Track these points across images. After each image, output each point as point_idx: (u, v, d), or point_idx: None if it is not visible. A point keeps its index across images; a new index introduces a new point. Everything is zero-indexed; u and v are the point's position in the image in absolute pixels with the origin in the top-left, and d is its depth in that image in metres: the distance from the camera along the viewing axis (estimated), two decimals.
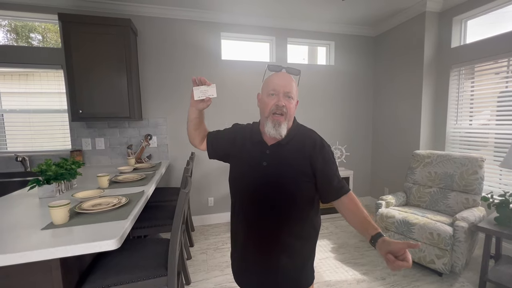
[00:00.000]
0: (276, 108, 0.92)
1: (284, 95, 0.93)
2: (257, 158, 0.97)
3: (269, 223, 0.95)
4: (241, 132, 1.08)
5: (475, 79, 2.67)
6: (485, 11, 2.53)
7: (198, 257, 2.42)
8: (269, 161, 0.95)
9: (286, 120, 0.94)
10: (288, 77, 0.97)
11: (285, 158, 0.94)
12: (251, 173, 0.97)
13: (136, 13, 2.77)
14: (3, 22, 2.71)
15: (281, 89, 0.93)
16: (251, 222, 0.99)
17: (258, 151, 0.98)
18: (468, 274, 2.08)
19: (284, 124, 0.93)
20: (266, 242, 0.96)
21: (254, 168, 0.97)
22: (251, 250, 1.00)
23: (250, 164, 0.99)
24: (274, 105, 0.92)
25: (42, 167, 1.48)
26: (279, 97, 0.93)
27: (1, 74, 2.66)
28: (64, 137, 2.78)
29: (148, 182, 1.87)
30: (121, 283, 1.19)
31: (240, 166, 1.03)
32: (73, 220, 1.14)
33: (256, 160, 0.97)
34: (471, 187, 2.25)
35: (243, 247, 1.03)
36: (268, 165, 0.95)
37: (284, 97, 0.93)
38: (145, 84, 2.90)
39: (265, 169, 0.94)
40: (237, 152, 1.04)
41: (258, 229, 0.97)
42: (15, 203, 1.45)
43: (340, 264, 2.27)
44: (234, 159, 1.06)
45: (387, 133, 3.50)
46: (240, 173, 1.02)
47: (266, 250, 0.97)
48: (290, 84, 0.95)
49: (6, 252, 0.85)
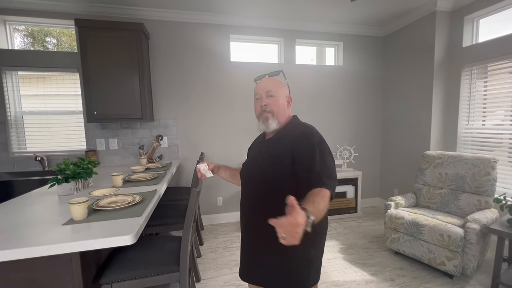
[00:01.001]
0: (261, 109, 1.05)
1: (266, 95, 1.04)
2: (255, 156, 1.10)
3: (259, 220, 0.96)
4: (254, 141, 1.25)
5: (488, 79, 2.62)
6: (498, 9, 2.49)
7: (208, 255, 2.47)
8: (263, 157, 1.05)
9: (274, 116, 1.03)
10: (269, 80, 1.08)
11: (275, 153, 1.00)
12: (248, 172, 1.10)
13: (148, 17, 2.85)
14: (20, 27, 2.84)
15: (263, 92, 1.05)
16: (245, 220, 1.10)
17: (258, 149, 1.11)
18: (480, 277, 2.04)
19: (272, 119, 1.02)
20: (258, 240, 1.03)
21: (252, 166, 1.09)
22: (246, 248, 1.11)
23: (249, 162, 1.13)
24: (259, 107, 1.06)
25: (61, 166, 1.56)
26: (262, 98, 1.04)
27: (21, 78, 2.78)
28: (79, 137, 2.89)
29: (160, 181, 1.93)
30: (136, 277, 1.24)
31: (244, 163, 1.16)
32: (91, 217, 1.20)
33: (254, 158, 1.10)
34: (483, 188, 2.21)
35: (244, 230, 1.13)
36: (262, 161, 1.04)
37: (267, 97, 1.04)
38: (157, 86, 2.98)
39: (259, 165, 1.04)
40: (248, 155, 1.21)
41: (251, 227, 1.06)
42: (36, 200, 1.53)
43: (348, 265, 2.28)
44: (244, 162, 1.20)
45: (396, 134, 3.47)
46: (243, 170, 1.14)
47: (260, 249, 1.03)
48: (270, 85, 1.05)
49: (33, 245, 0.92)
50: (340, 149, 3.42)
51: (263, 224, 0.88)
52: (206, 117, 3.15)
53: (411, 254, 2.23)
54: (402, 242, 2.28)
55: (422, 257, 2.15)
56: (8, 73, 2.68)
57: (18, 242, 0.95)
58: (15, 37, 2.82)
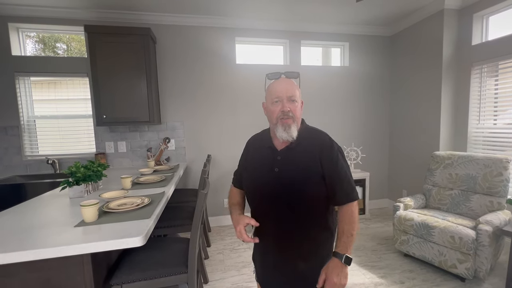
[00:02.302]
0: (282, 114, 0.95)
1: (287, 99, 0.96)
2: (269, 165, 0.98)
3: (286, 229, 0.97)
4: (252, 143, 1.14)
5: (499, 77, 2.56)
6: (508, 6, 2.43)
7: (215, 257, 2.48)
8: (280, 166, 0.96)
9: (295, 122, 0.96)
10: (289, 81, 1.00)
11: (295, 162, 0.95)
12: (263, 180, 0.98)
13: (155, 22, 2.90)
14: (31, 34, 2.93)
15: (284, 95, 0.96)
16: (268, 230, 1.00)
17: (270, 158, 1.00)
18: (494, 280, 1.99)
19: (293, 126, 0.95)
20: (283, 249, 0.98)
21: (266, 175, 0.98)
22: (269, 256, 1.03)
23: (261, 170, 1.00)
24: (280, 112, 0.95)
25: (72, 169, 1.60)
26: (283, 102, 0.95)
27: (33, 83, 2.86)
28: (89, 140, 2.95)
29: (168, 184, 1.95)
30: (146, 278, 1.26)
31: (252, 174, 1.04)
32: (101, 219, 1.23)
33: (268, 167, 0.98)
34: (495, 189, 2.16)
35: (262, 252, 1.06)
36: (280, 170, 0.95)
37: (288, 101, 0.96)
38: (164, 90, 3.02)
39: (277, 175, 0.95)
40: (250, 163, 1.08)
41: (274, 237, 0.99)
42: (49, 203, 1.57)
43: (357, 267, 2.25)
44: (246, 170, 1.09)
45: (405, 134, 3.42)
46: (253, 181, 1.03)
47: (284, 256, 0.99)
48: (292, 88, 0.97)
49: (47, 246, 0.94)
50: (347, 150, 3.39)
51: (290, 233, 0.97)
52: (212, 119, 3.17)
53: (421, 257, 2.19)
54: (412, 244, 2.25)
55: (433, 260, 2.11)
56: (21, 79, 2.77)
57: (33, 243, 0.98)
58: (27, 43, 2.91)
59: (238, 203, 1.12)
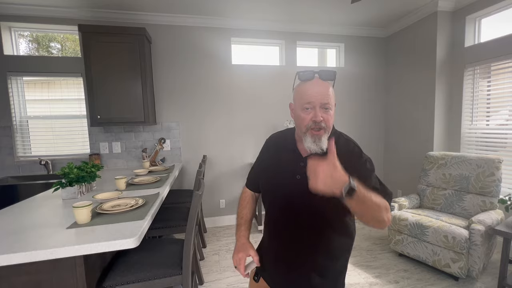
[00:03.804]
0: (313, 124, 0.83)
1: (321, 107, 0.83)
2: (291, 171, 0.89)
3: (303, 241, 0.90)
4: (274, 144, 1.03)
5: (491, 78, 2.60)
6: (500, 9, 2.47)
7: (211, 258, 2.47)
8: (303, 174, 0.81)
9: (326, 132, 0.84)
10: (324, 86, 0.85)
11: None
12: (284, 187, 0.90)
13: (150, 21, 2.88)
14: (25, 33, 2.89)
15: (317, 101, 0.82)
16: (283, 239, 0.93)
17: (292, 163, 0.90)
18: (486, 279, 2.02)
19: (324, 137, 0.84)
20: (298, 261, 0.91)
21: (287, 181, 0.90)
22: (282, 267, 0.94)
23: (283, 177, 0.91)
24: (311, 121, 0.83)
25: (65, 170, 1.58)
26: (316, 110, 0.82)
27: (26, 83, 2.82)
28: (83, 141, 2.92)
29: (163, 184, 1.94)
30: (139, 280, 1.25)
31: (272, 178, 0.96)
32: (94, 220, 1.21)
33: (290, 173, 0.89)
34: (488, 189, 2.19)
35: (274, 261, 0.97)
36: (302, 178, 0.83)
37: (321, 109, 0.83)
38: (159, 90, 3.01)
39: (299, 182, 0.85)
40: (269, 165, 0.99)
41: (290, 248, 0.92)
42: (41, 204, 1.54)
43: (352, 267, 2.26)
44: (265, 171, 1.00)
45: (399, 135, 3.45)
46: (273, 186, 0.95)
47: (298, 269, 0.92)
48: (326, 94, 0.83)
49: (37, 249, 0.93)
50: None
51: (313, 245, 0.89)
52: (208, 119, 3.16)
53: (415, 256, 2.21)
54: (406, 244, 2.27)
55: (427, 259, 2.13)
56: (14, 79, 2.73)
57: (23, 245, 0.97)
58: (20, 42, 2.87)
59: (247, 219, 1.04)
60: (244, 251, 0.95)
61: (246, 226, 1.03)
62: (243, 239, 0.99)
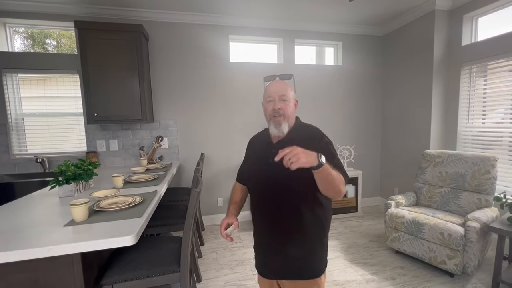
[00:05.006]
0: (273, 112, 1.05)
1: (279, 99, 1.05)
2: (265, 158, 1.06)
3: (278, 216, 1.05)
4: (255, 140, 1.23)
5: (487, 77, 2.62)
6: (497, 8, 2.49)
7: (209, 255, 2.48)
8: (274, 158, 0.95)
9: (286, 119, 1.05)
10: (282, 83, 1.09)
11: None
12: (260, 172, 1.08)
13: (148, 18, 2.86)
14: (19, 29, 2.85)
15: (276, 95, 1.05)
16: (263, 216, 1.10)
17: (266, 151, 1.08)
18: (481, 275, 2.05)
19: (284, 123, 1.05)
20: (276, 233, 1.07)
21: (262, 167, 1.08)
22: (264, 241, 1.12)
23: (259, 163, 1.10)
24: (272, 109, 1.06)
25: (61, 167, 1.57)
26: (275, 101, 1.05)
27: (21, 80, 2.79)
28: (80, 139, 2.89)
29: (160, 182, 1.94)
30: (137, 278, 1.25)
31: (252, 166, 1.15)
32: (92, 218, 1.21)
33: (264, 160, 1.06)
34: (483, 187, 2.21)
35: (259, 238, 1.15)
36: (274, 162, 0.93)
37: (280, 100, 1.05)
38: (156, 87, 2.99)
39: (271, 166, 0.99)
40: (250, 158, 1.19)
41: (270, 222, 1.08)
42: (38, 202, 1.53)
43: (349, 264, 2.28)
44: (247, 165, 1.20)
45: (396, 133, 3.47)
46: (251, 173, 1.14)
47: (277, 241, 1.07)
48: (283, 89, 1.07)
49: (34, 246, 0.92)
50: (340, 149, 3.42)
51: (288, 219, 1.04)
52: (206, 117, 3.15)
53: (412, 253, 2.23)
54: (403, 241, 2.29)
55: (423, 256, 2.15)
56: (9, 76, 2.69)
57: (20, 243, 0.96)
58: (15, 39, 2.83)
59: (235, 201, 1.21)
60: (228, 218, 1.12)
61: (234, 206, 1.19)
62: (230, 212, 1.16)
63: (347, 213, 3.35)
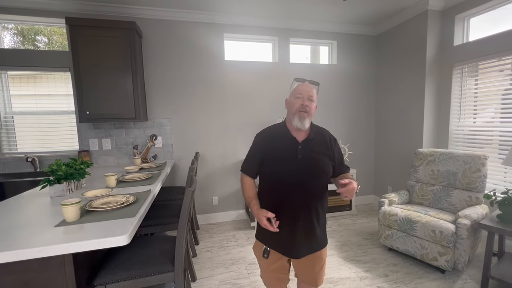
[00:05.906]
0: (301, 107, 1.20)
1: (307, 98, 1.21)
2: (293, 152, 1.21)
3: (308, 202, 1.22)
4: (270, 135, 1.30)
5: (478, 77, 2.66)
6: (488, 8, 2.53)
7: (204, 254, 2.47)
8: (303, 154, 1.21)
9: (309, 116, 1.21)
10: (312, 87, 1.26)
11: (314, 150, 1.23)
12: (289, 165, 1.20)
13: (141, 15, 2.82)
14: (9, 25, 2.78)
15: (306, 94, 1.21)
16: (292, 204, 1.21)
17: (292, 147, 1.22)
18: (471, 271, 2.09)
19: (307, 119, 1.21)
20: (307, 216, 1.23)
21: (291, 161, 1.20)
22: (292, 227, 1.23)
23: (287, 157, 1.21)
24: (300, 105, 1.20)
25: (52, 167, 1.54)
26: (304, 99, 1.20)
27: (11, 77, 2.73)
28: (72, 138, 2.85)
29: (154, 182, 1.92)
30: (130, 278, 1.23)
31: (277, 161, 1.23)
32: (84, 218, 1.19)
33: (292, 154, 1.21)
34: (474, 185, 2.25)
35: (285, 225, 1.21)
36: (303, 157, 1.20)
37: (308, 99, 1.21)
38: (150, 85, 2.96)
39: (301, 160, 1.20)
40: (272, 149, 1.24)
41: (298, 208, 1.21)
42: (28, 202, 1.50)
43: (343, 262, 2.30)
44: (269, 156, 1.24)
45: (390, 132, 3.51)
46: (279, 165, 1.22)
47: (308, 222, 1.24)
48: (312, 91, 1.24)
49: (25, 247, 0.91)
50: None
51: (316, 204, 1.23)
52: (200, 116, 3.14)
53: (404, 250, 2.26)
54: (396, 238, 2.32)
55: (415, 253, 2.18)
56: None
57: (10, 244, 0.94)
58: (5, 35, 2.76)
59: (255, 196, 1.29)
60: (264, 212, 1.17)
61: (255, 201, 1.27)
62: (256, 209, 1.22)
63: (341, 211, 3.38)
